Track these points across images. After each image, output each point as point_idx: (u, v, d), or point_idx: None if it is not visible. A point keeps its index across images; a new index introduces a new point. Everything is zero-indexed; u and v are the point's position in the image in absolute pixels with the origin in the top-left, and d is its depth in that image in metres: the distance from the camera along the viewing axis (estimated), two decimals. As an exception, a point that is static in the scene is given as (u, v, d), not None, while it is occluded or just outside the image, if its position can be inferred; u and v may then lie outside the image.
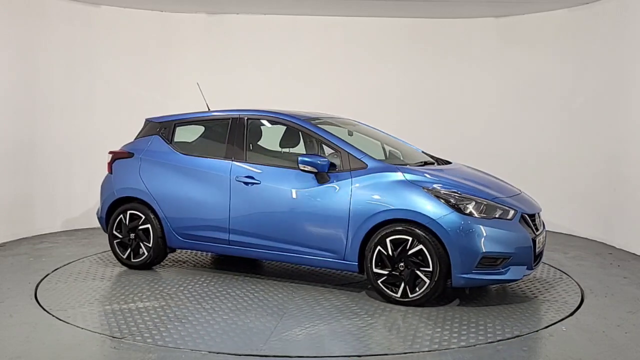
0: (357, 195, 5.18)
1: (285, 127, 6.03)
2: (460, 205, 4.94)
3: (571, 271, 6.29)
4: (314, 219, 5.35)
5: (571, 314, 4.91)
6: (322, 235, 5.33)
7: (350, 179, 5.26)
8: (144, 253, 6.07)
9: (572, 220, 8.33)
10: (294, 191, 5.44)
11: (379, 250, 5.06)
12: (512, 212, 5.07)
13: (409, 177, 5.14)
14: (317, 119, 5.96)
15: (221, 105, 6.92)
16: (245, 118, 5.92)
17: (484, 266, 4.89)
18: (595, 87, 7.92)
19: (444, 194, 5.00)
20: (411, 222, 4.98)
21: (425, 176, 5.20)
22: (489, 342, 4.26)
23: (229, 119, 5.98)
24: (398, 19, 8.98)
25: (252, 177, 5.61)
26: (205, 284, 5.68)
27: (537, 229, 5.28)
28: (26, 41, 7.65)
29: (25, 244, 7.35)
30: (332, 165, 5.36)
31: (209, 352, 4.03)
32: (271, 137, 6.25)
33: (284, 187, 5.49)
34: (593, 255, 7.11)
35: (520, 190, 5.72)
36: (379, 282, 5.08)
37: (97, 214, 6.55)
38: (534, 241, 5.10)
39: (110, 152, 6.46)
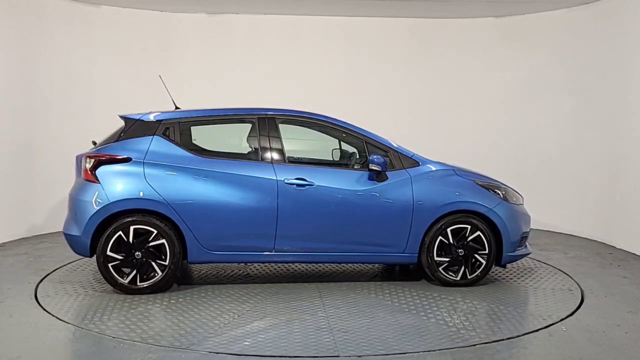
0: (419, 191, 5.50)
1: (250, 125, 5.68)
2: (505, 195, 5.68)
3: (571, 271, 6.29)
4: (378, 217, 5.45)
5: (571, 314, 4.91)
6: (386, 232, 5.49)
7: (409, 177, 5.54)
8: (155, 274, 5.25)
9: (572, 220, 8.33)
10: (354, 191, 5.43)
11: (440, 239, 5.50)
12: (521, 198, 5.96)
13: (459, 172, 5.72)
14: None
15: (221, 105, 6.87)
16: (276, 118, 5.59)
17: (519, 245, 5.74)
18: (595, 87, 7.92)
19: (491, 185, 5.69)
20: (469, 212, 5.55)
21: (471, 171, 5.87)
22: (489, 342, 4.26)
23: (255, 118, 5.59)
24: (398, 19, 8.98)
25: (304, 179, 5.37)
26: (247, 294, 5.55)
27: None
28: (26, 41, 7.65)
29: (25, 244, 7.35)
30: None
31: (209, 352, 4.03)
32: (305, 138, 6.16)
33: (342, 187, 5.42)
34: (593, 255, 7.11)
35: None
36: (440, 269, 5.56)
37: (65, 231, 5.37)
38: None
39: (90, 157, 5.33)
